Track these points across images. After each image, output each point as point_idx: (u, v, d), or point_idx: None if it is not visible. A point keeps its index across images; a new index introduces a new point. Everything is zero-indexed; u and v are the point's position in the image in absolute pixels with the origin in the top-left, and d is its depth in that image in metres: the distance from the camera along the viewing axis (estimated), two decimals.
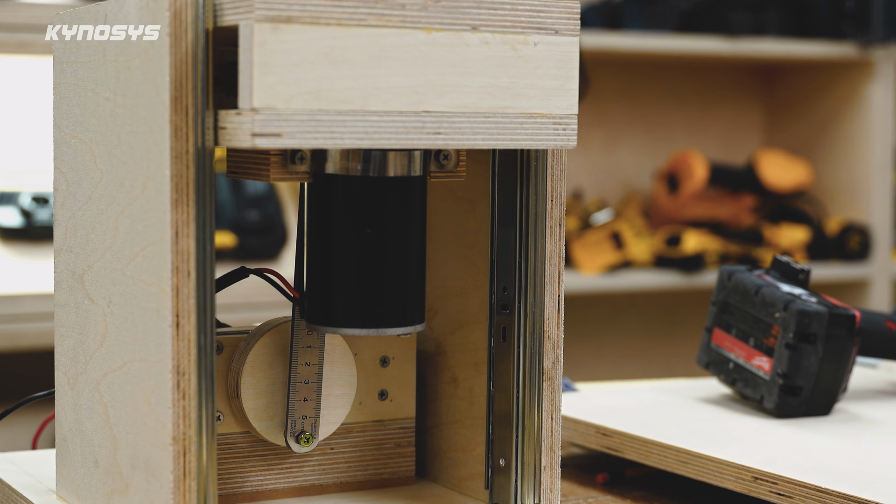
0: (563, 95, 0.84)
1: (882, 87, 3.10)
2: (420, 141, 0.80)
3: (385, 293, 0.88)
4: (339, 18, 0.77)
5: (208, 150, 0.79)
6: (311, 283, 0.90)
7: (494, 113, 0.82)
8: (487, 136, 0.82)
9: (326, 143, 0.77)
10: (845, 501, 0.93)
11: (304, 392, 0.93)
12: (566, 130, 0.84)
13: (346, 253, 0.88)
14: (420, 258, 0.90)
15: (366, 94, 0.78)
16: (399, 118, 0.79)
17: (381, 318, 0.88)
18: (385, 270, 0.88)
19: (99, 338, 0.89)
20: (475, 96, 0.81)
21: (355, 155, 0.86)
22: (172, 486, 0.80)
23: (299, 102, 0.76)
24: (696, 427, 1.13)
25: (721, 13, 2.97)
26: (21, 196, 2.37)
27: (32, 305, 2.25)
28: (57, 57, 0.95)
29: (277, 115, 0.76)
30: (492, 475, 0.94)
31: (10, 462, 1.05)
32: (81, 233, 0.92)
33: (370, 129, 0.78)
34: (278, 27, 0.75)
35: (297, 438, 0.94)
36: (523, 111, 0.83)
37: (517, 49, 0.82)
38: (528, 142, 0.83)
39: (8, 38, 2.24)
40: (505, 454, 0.92)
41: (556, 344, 0.91)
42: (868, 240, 3.11)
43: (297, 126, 0.76)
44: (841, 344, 1.17)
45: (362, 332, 0.88)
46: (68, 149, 0.93)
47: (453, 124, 0.80)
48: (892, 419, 1.19)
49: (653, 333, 3.31)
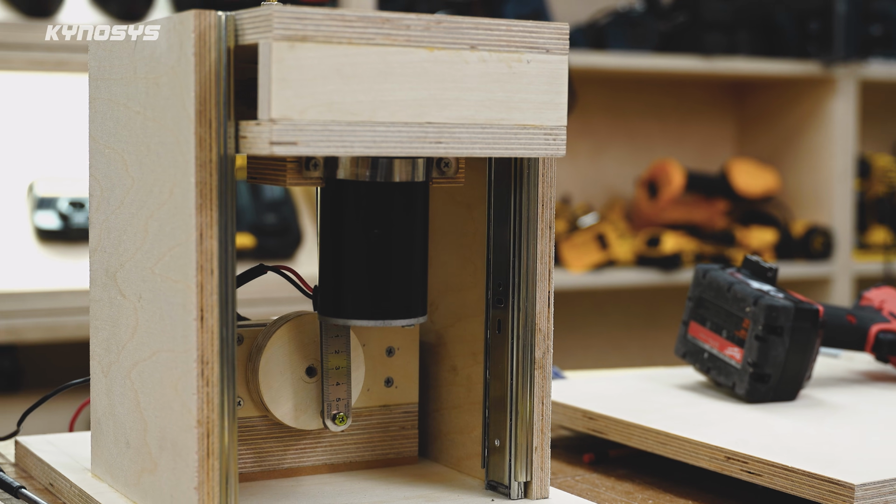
0: (554, 109, 0.84)
1: (843, 102, 3.10)
2: (423, 150, 0.80)
3: (391, 288, 0.88)
4: (349, 38, 0.77)
5: (230, 157, 0.79)
6: (323, 279, 0.90)
7: (491, 124, 0.82)
8: (485, 145, 0.82)
9: (338, 152, 0.77)
10: (809, 479, 0.93)
11: (336, 377, 0.93)
12: (556, 140, 0.84)
13: (356, 251, 0.88)
14: (423, 256, 0.90)
15: (374, 106, 0.78)
16: (404, 129, 0.79)
17: (387, 311, 0.88)
18: (391, 267, 0.88)
19: (130, 330, 0.89)
20: (473, 109, 0.81)
21: (364, 162, 0.86)
22: (197, 465, 0.80)
23: (313, 114, 0.76)
24: (673, 412, 1.13)
25: (696, 34, 2.97)
26: (59, 201, 2.37)
27: (69, 301, 2.25)
28: (92, 74, 0.95)
29: (293, 126, 0.76)
30: (488, 455, 0.94)
31: (49, 443, 1.05)
32: (114, 234, 0.92)
33: (378, 139, 0.78)
34: (294, 45, 0.75)
35: (333, 419, 0.94)
36: (517, 123, 0.83)
37: (512, 66, 0.82)
38: (522, 151, 0.83)
39: (48, 56, 2.24)
40: (500, 436, 0.92)
41: (547, 336, 0.91)
42: (830, 241, 3.11)
43: (312, 135, 0.76)
44: (806, 336, 1.17)
45: (370, 323, 0.88)
46: (102, 158, 0.93)
47: (453, 134, 0.80)
48: (852, 404, 1.18)
49: (634, 326, 3.31)
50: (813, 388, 1.24)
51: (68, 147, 2.46)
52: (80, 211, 2.36)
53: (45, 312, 2.24)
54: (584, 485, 1.05)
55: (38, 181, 2.39)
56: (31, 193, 2.38)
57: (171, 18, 0.81)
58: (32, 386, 2.53)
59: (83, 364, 1.00)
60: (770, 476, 0.96)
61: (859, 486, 0.90)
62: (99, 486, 0.93)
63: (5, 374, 2.50)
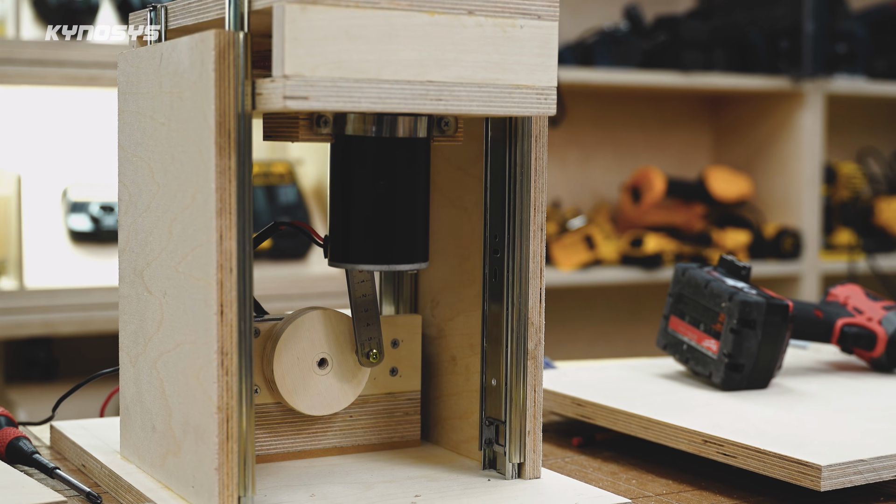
0: (545, 71, 0.84)
1: (811, 114, 3.10)
2: (425, 106, 0.80)
3: (395, 235, 0.88)
4: (357, 1, 0.77)
5: (247, 114, 0.79)
6: (333, 228, 0.90)
7: (487, 84, 0.82)
8: (481, 103, 0.82)
9: (346, 106, 0.77)
10: (780, 460, 0.93)
11: (366, 319, 0.94)
12: (547, 100, 0.84)
13: (363, 202, 0.88)
14: (424, 207, 0.90)
15: (379, 65, 0.78)
16: (407, 86, 0.79)
17: (391, 256, 0.88)
18: (395, 216, 0.88)
19: (156, 324, 0.89)
20: (471, 69, 0.81)
21: (370, 119, 0.86)
22: (217, 447, 0.80)
23: (323, 71, 0.76)
24: (655, 399, 1.13)
25: (676, 52, 2.97)
26: (91, 205, 2.37)
27: (100, 297, 2.25)
28: (121, 89, 0.95)
29: (305, 81, 0.75)
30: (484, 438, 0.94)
31: (81, 428, 1.05)
32: (141, 236, 0.92)
33: (383, 95, 0.78)
34: (306, 8, 0.75)
35: (368, 356, 0.94)
36: (511, 83, 0.83)
37: (506, 31, 0.82)
38: (516, 109, 0.83)
39: (80, 73, 2.24)
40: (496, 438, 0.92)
41: (539, 329, 0.91)
42: (799, 242, 3.11)
43: (322, 91, 0.76)
44: (777, 329, 1.17)
45: (376, 267, 0.89)
46: (130, 166, 0.93)
47: (453, 92, 0.80)
48: (819, 392, 1.18)
49: (619, 320, 3.31)
50: (783, 377, 1.24)
51: (99, 155, 2.46)
52: (110, 214, 2.36)
53: (77, 308, 2.25)
54: (573, 466, 1.05)
55: (72, 187, 2.40)
56: (64, 198, 2.38)
57: (193, 37, 0.81)
58: (66, 375, 2.54)
59: (113, 355, 1.00)
60: (744, 458, 0.96)
61: (826, 467, 0.90)
62: (127, 467, 0.93)
63: (41, 365, 2.50)
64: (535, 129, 0.89)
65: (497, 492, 0.89)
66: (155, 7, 0.92)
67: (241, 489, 0.81)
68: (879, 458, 0.93)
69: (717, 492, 0.97)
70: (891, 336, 1.26)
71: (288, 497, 0.87)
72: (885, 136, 3.70)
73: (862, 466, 0.92)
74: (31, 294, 2.22)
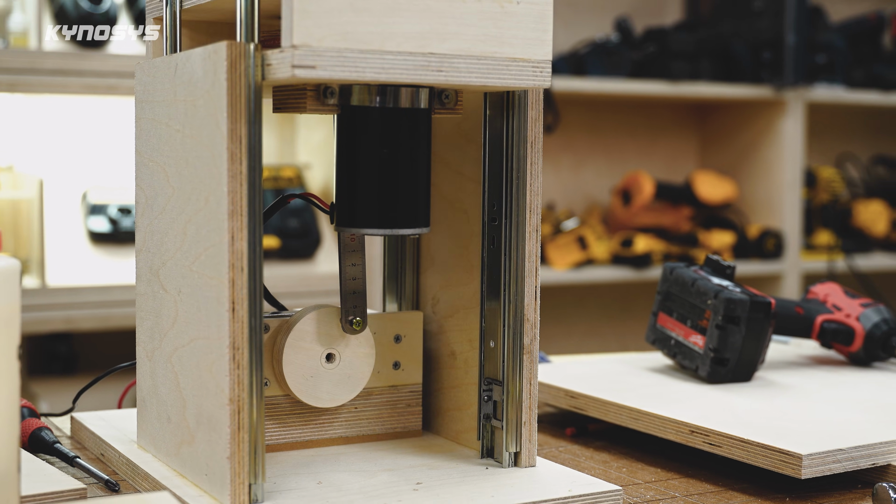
0: (540, 45, 0.84)
1: (792, 121, 3.10)
2: (426, 77, 0.79)
3: (398, 201, 0.88)
4: None
5: (256, 85, 0.78)
6: (339, 195, 0.89)
7: (485, 56, 0.81)
8: (480, 75, 0.81)
9: (351, 76, 0.77)
10: (763, 449, 0.93)
11: (353, 286, 0.93)
12: (542, 73, 0.84)
13: (368, 169, 0.87)
14: (426, 175, 0.89)
15: (383, 37, 0.77)
16: (409, 58, 0.78)
17: (394, 221, 0.88)
18: (398, 183, 0.87)
19: (171, 320, 0.89)
20: (470, 42, 0.81)
21: (374, 90, 0.85)
22: (229, 437, 0.80)
23: (330, 42, 0.76)
24: (644, 391, 1.13)
25: (664, 62, 2.97)
26: (109, 207, 2.37)
27: (118, 294, 2.25)
28: (138, 97, 0.95)
29: (312, 51, 0.75)
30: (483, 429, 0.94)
31: (100, 419, 1.05)
32: (157, 237, 0.91)
33: (386, 66, 0.78)
34: None
35: (351, 323, 0.93)
36: (508, 56, 0.82)
37: (504, 6, 0.82)
38: (513, 81, 0.83)
39: (99, 82, 2.24)
40: (493, 413, 0.92)
41: (534, 325, 0.91)
42: (781, 242, 3.11)
43: (328, 60, 0.76)
44: (760, 325, 1.17)
45: (380, 231, 0.88)
46: (147, 170, 0.93)
47: (452, 64, 0.80)
48: (800, 384, 1.18)
49: (610, 317, 3.31)
50: (766, 370, 1.24)
51: (117, 160, 2.46)
52: (128, 216, 2.36)
53: (96, 305, 2.25)
54: (567, 455, 1.05)
55: (91, 190, 2.40)
56: (84, 201, 2.38)
57: (206, 48, 0.81)
58: (85, 369, 2.54)
59: (130, 350, 1.00)
60: (729, 447, 0.96)
61: (806, 456, 0.90)
62: (143, 456, 0.93)
63: (62, 359, 2.50)
64: (531, 134, 0.89)
65: (494, 479, 0.88)
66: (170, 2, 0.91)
67: (252, 477, 0.81)
68: (857, 448, 0.93)
69: (703, 479, 0.97)
70: (868, 332, 1.26)
71: (296, 484, 0.87)
72: (862, 143, 3.70)
73: (840, 455, 0.92)
74: (53, 292, 2.22)
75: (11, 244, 2.34)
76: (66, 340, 2.51)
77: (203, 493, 0.84)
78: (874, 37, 3.41)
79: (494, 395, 0.92)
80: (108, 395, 1.46)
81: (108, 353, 2.53)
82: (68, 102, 2.46)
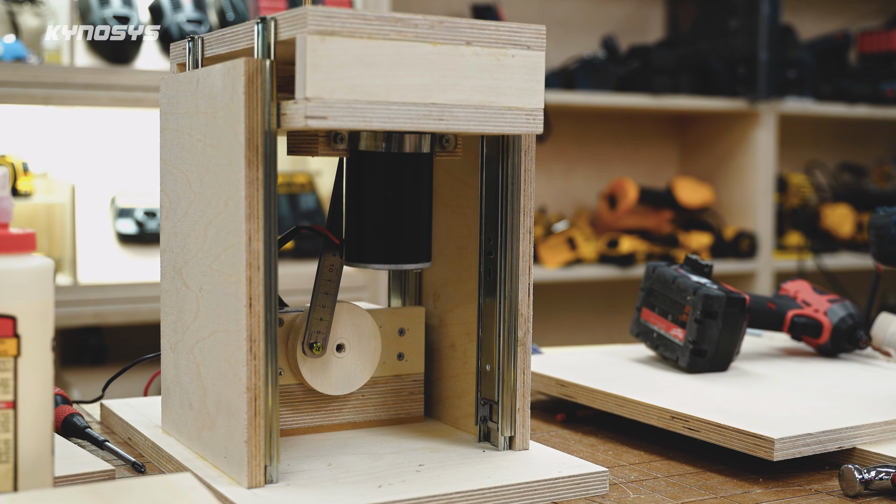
0: (533, 94, 0.83)
1: (765, 131, 3.10)
2: (428, 125, 0.79)
3: (402, 238, 0.88)
4: (369, 33, 0.77)
5: (273, 132, 0.79)
6: (348, 232, 0.90)
7: (483, 106, 0.81)
8: (478, 122, 0.81)
9: (360, 125, 0.77)
10: (738, 434, 0.93)
11: (321, 314, 0.92)
12: (535, 120, 0.84)
13: (374, 209, 0.87)
14: (428, 214, 0.89)
15: (388, 89, 0.77)
16: (413, 108, 0.78)
17: (399, 257, 0.88)
18: (402, 222, 0.88)
19: (193, 314, 0.89)
20: (469, 93, 0.80)
21: (380, 136, 0.86)
22: (246, 423, 0.80)
23: (340, 94, 0.76)
24: (629, 380, 1.13)
25: (647, 77, 2.97)
26: (136, 211, 2.37)
27: (144, 291, 2.25)
28: (163, 109, 0.95)
29: (324, 103, 0.75)
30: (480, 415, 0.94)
31: (127, 405, 1.05)
32: (180, 238, 0.91)
33: (392, 115, 0.78)
34: (325, 38, 0.75)
35: (311, 347, 0.92)
36: (504, 105, 0.82)
37: (500, 59, 0.82)
38: (508, 128, 0.83)
39: (126, 95, 2.24)
40: (489, 416, 0.92)
41: (528, 319, 0.91)
42: (755, 243, 3.10)
43: (339, 111, 0.76)
44: (735, 319, 1.17)
45: (385, 266, 0.88)
46: (170, 176, 0.93)
47: (453, 113, 0.80)
48: (773, 374, 1.18)
49: (597, 312, 3.31)
50: (741, 361, 1.24)
51: (143, 167, 2.46)
52: (153, 219, 2.36)
53: (124, 300, 2.25)
54: (558, 439, 1.05)
55: (119, 195, 2.40)
56: (113, 205, 2.38)
57: (226, 64, 0.81)
58: (114, 360, 2.54)
59: (155, 342, 1.00)
60: (707, 432, 0.96)
61: (778, 440, 0.90)
62: (167, 440, 0.93)
63: (92, 350, 2.50)
64: (525, 144, 0.89)
65: (491, 461, 0.88)
66: (193, 38, 0.92)
67: (268, 459, 0.81)
68: (825, 432, 0.93)
69: (683, 461, 0.97)
70: (835, 325, 1.26)
71: (308, 466, 0.87)
72: (829, 151, 3.70)
73: (810, 439, 0.92)
74: (84, 289, 2.22)
75: (46, 245, 2.34)
76: (95, 333, 2.51)
77: (222, 474, 0.84)
78: (840, 54, 3.41)
79: (491, 410, 0.92)
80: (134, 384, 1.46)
81: (135, 345, 2.53)
82: (98, 114, 2.46)
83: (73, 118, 2.44)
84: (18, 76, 2.15)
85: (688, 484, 0.90)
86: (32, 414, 0.72)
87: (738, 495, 0.88)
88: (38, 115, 2.41)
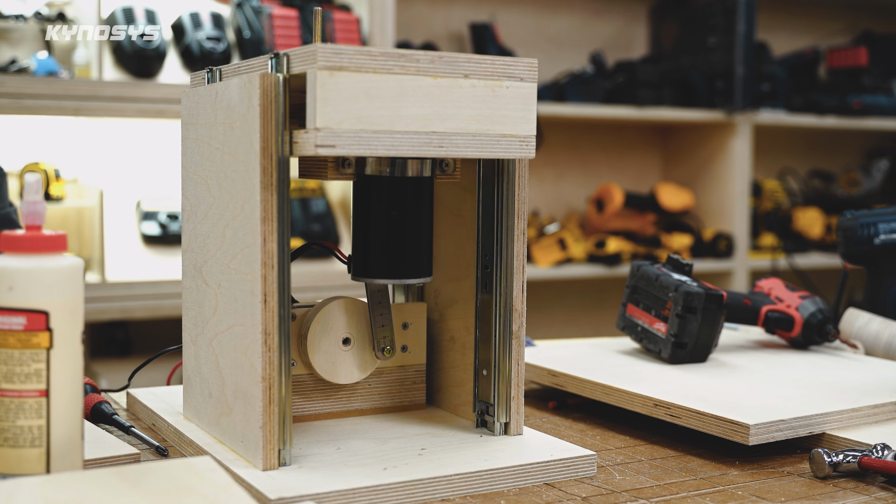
0: (526, 122, 0.84)
1: (741, 141, 3.10)
2: (429, 152, 0.80)
3: (405, 255, 0.88)
4: (374, 68, 0.77)
5: (286, 159, 0.79)
6: (355, 249, 0.90)
7: (480, 133, 0.81)
8: (475, 149, 0.81)
9: (366, 153, 0.77)
10: (716, 420, 0.93)
11: (382, 321, 0.94)
12: (528, 146, 0.84)
13: (379, 228, 0.88)
14: (429, 232, 0.90)
15: (392, 119, 0.78)
16: (415, 136, 0.79)
17: (402, 272, 0.88)
18: (405, 240, 0.88)
19: (212, 310, 0.89)
20: (466, 122, 0.81)
21: (385, 162, 0.86)
22: (262, 410, 0.80)
23: (347, 124, 0.76)
24: (615, 370, 1.13)
25: (632, 90, 2.97)
26: (159, 214, 2.37)
27: (167, 288, 2.25)
28: (184, 120, 0.95)
29: (332, 133, 0.75)
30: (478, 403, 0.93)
31: (151, 394, 1.05)
32: (200, 239, 0.91)
33: (395, 143, 0.78)
34: (333, 73, 0.75)
35: (383, 351, 0.94)
36: (499, 132, 0.82)
37: (495, 90, 0.82)
38: (503, 153, 0.83)
39: (150, 107, 2.24)
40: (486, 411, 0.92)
41: (521, 314, 0.91)
42: (732, 244, 3.10)
43: (346, 140, 0.76)
44: (714, 314, 1.17)
45: (390, 281, 0.89)
46: (191, 182, 0.93)
47: (452, 140, 0.80)
48: (748, 365, 1.18)
49: (586, 307, 3.31)
50: (719, 353, 1.24)
51: (166, 174, 2.46)
52: (175, 221, 2.36)
53: (148, 297, 2.25)
54: (549, 425, 1.05)
55: (144, 199, 2.40)
56: (138, 209, 2.38)
57: (242, 78, 0.81)
58: (139, 351, 2.54)
59: (177, 335, 1.00)
60: (687, 418, 0.96)
61: (753, 426, 0.90)
62: (188, 426, 0.93)
63: (119, 343, 2.50)
64: (518, 164, 0.89)
65: (488, 446, 0.89)
66: (211, 70, 0.92)
67: (281, 443, 0.81)
68: (796, 419, 0.93)
69: (665, 445, 0.97)
70: (806, 320, 1.26)
71: (318, 450, 0.87)
72: (801, 159, 3.70)
73: (782, 425, 0.92)
74: (111, 286, 2.22)
75: (76, 245, 2.34)
76: (122, 327, 2.51)
77: (239, 458, 0.84)
78: (811, 69, 3.41)
79: (487, 407, 0.92)
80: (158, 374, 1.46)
81: (158, 338, 2.53)
82: (124, 124, 2.46)
83: (102, 128, 2.44)
84: (51, 89, 2.15)
85: (670, 466, 0.90)
86: (64, 402, 0.72)
87: (717, 477, 0.88)
88: (69, 125, 2.41)
